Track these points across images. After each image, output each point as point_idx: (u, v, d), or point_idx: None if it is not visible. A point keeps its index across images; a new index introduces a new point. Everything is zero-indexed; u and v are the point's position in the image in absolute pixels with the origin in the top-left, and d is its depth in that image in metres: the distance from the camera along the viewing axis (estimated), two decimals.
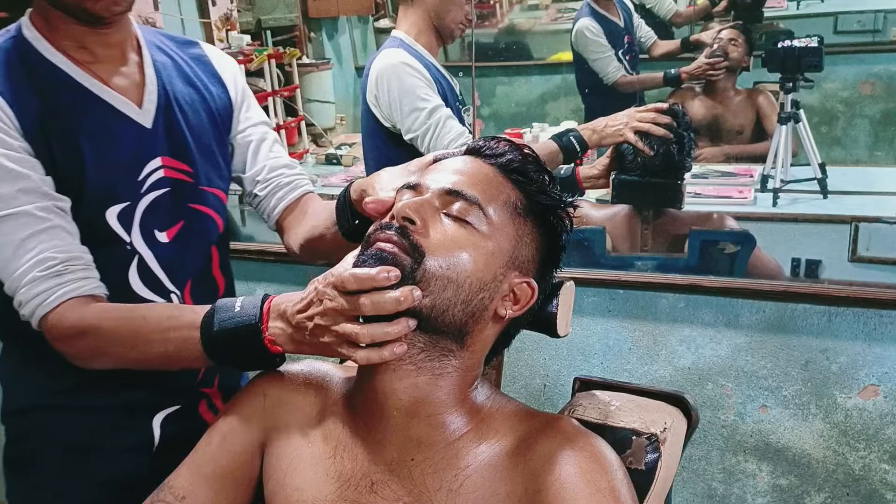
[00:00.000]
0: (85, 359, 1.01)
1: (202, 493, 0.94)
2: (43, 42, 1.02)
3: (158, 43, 1.15)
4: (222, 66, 1.21)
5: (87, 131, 1.02)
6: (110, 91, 1.05)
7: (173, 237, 1.11)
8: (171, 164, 1.10)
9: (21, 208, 0.97)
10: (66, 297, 0.97)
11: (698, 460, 1.75)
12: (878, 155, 2.43)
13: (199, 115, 1.14)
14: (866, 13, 2.45)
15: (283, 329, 0.89)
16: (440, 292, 0.83)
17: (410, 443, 0.87)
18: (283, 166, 1.22)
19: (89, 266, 1.01)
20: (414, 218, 0.84)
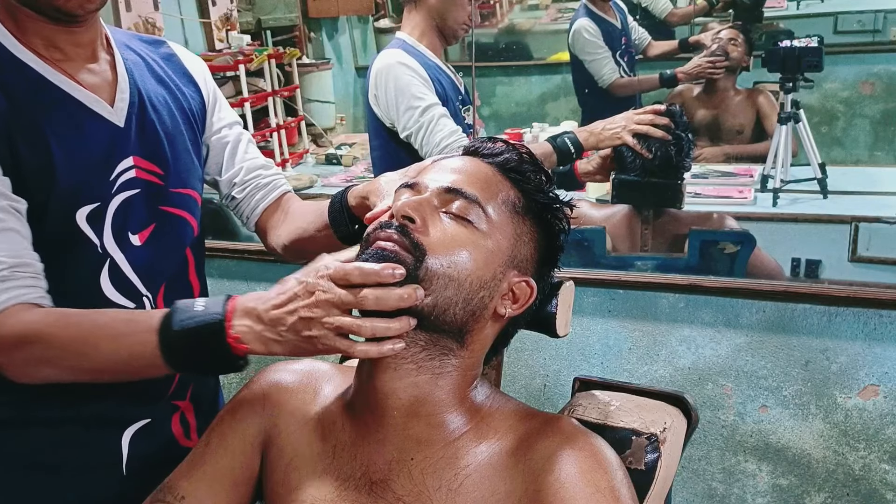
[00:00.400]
0: (25, 371, 0.93)
1: (202, 493, 0.94)
2: (10, 38, 0.97)
3: (128, 42, 1.12)
4: (193, 65, 1.18)
5: (56, 129, 0.97)
6: (81, 89, 1.00)
7: (146, 240, 1.06)
8: (142, 165, 1.05)
9: None
10: (8, 303, 0.90)
11: (698, 460, 1.75)
12: (878, 155, 2.44)
13: (173, 115, 1.11)
14: (866, 13, 2.45)
15: (251, 326, 0.83)
16: (442, 290, 0.83)
17: (410, 442, 0.87)
18: (260, 167, 1.21)
19: (38, 275, 0.94)
20: (414, 216, 0.84)
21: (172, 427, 1.13)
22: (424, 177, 0.90)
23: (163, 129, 1.08)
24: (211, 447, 0.96)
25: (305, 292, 0.82)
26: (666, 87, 2.46)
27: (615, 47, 2.51)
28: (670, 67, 2.43)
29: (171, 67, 1.15)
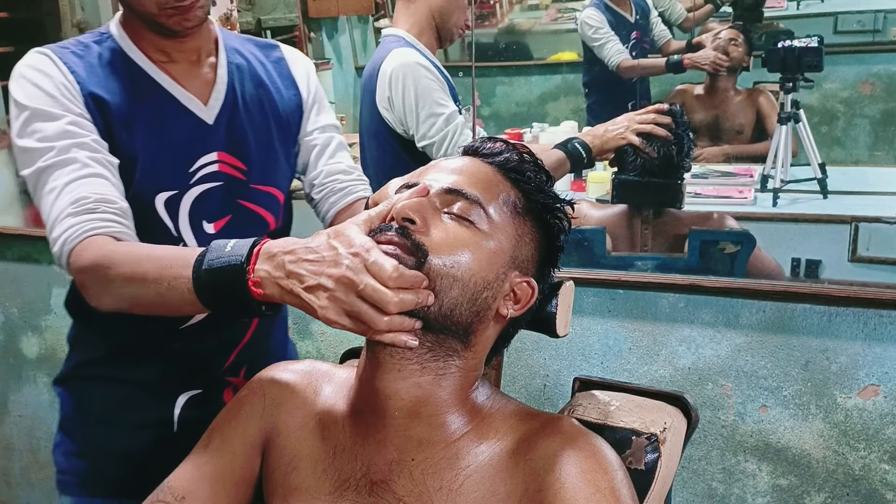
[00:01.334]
0: (95, 293, 1.00)
1: (202, 493, 0.94)
2: (126, 39, 1.12)
3: (239, 47, 1.22)
4: (298, 70, 1.26)
5: (145, 118, 1.09)
6: (177, 86, 1.12)
7: (220, 229, 1.15)
8: (226, 160, 1.15)
9: (70, 155, 1.02)
10: (91, 232, 0.99)
11: (698, 460, 1.75)
12: (878, 155, 2.43)
13: (265, 116, 1.19)
14: (866, 13, 2.45)
15: (270, 273, 0.82)
16: (447, 291, 0.83)
17: (411, 443, 0.87)
18: (340, 172, 1.25)
19: (123, 213, 1.03)
20: (414, 218, 0.84)
21: (224, 397, 1.22)
22: (424, 178, 0.90)
23: (252, 128, 1.17)
24: (211, 447, 0.96)
25: (333, 261, 0.79)
26: (671, 72, 2.44)
27: (622, 40, 2.51)
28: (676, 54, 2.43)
29: (277, 71, 1.24)
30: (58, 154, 1.02)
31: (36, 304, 2.34)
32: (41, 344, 2.37)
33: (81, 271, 1.00)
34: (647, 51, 2.57)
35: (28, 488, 2.52)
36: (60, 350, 2.34)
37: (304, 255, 0.81)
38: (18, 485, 2.54)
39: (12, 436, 2.49)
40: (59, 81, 1.06)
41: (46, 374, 2.38)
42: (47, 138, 1.03)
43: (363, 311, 0.77)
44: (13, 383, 2.44)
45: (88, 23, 2.61)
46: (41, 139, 1.04)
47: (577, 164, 1.58)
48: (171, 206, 1.11)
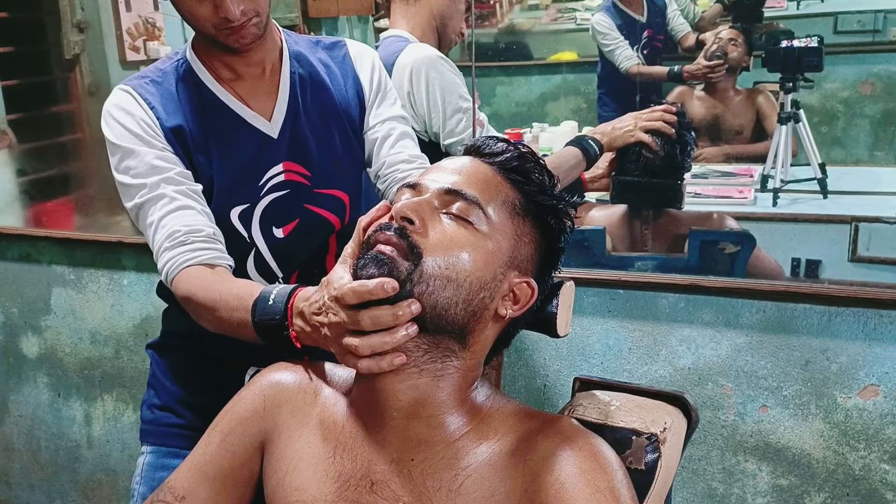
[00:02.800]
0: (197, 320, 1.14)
1: (202, 493, 0.94)
2: (198, 63, 1.21)
3: (304, 50, 1.29)
4: (361, 64, 1.30)
5: (218, 141, 1.19)
6: (243, 106, 1.21)
7: (288, 233, 1.24)
8: (291, 168, 1.22)
9: (160, 191, 1.14)
10: (185, 264, 1.11)
11: (698, 460, 1.75)
12: (878, 155, 2.43)
13: (327, 121, 1.25)
14: (866, 13, 2.45)
15: (303, 327, 0.93)
16: (440, 292, 0.83)
17: (410, 443, 0.87)
18: (401, 161, 1.27)
19: (211, 238, 1.14)
20: (413, 218, 0.85)
21: None
22: (425, 177, 0.91)
23: (314, 135, 1.24)
24: (211, 447, 0.96)
25: (325, 311, 0.88)
26: (673, 82, 2.47)
27: (633, 40, 2.54)
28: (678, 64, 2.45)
29: (341, 70, 1.29)
30: (149, 191, 1.14)
31: (36, 304, 2.34)
32: (41, 344, 2.37)
33: (181, 301, 1.14)
34: (660, 49, 2.59)
35: (28, 488, 2.52)
36: (60, 350, 2.34)
37: (312, 308, 0.91)
38: (18, 485, 2.54)
39: (12, 436, 2.49)
40: (139, 118, 1.17)
41: (46, 374, 2.38)
42: (139, 175, 1.15)
43: (350, 344, 0.85)
44: (13, 383, 2.44)
45: (88, 23, 2.61)
46: (134, 175, 1.16)
47: (591, 161, 1.58)
48: (244, 217, 1.21)
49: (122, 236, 2.16)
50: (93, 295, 2.26)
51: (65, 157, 2.82)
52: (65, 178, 2.85)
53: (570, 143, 1.59)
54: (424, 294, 0.83)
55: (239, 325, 1.03)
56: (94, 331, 2.28)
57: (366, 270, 0.84)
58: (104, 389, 2.32)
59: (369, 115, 1.29)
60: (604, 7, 2.60)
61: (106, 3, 2.55)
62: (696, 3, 2.62)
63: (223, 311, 1.06)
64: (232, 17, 1.10)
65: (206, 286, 1.10)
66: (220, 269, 1.14)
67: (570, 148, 1.58)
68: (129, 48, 2.56)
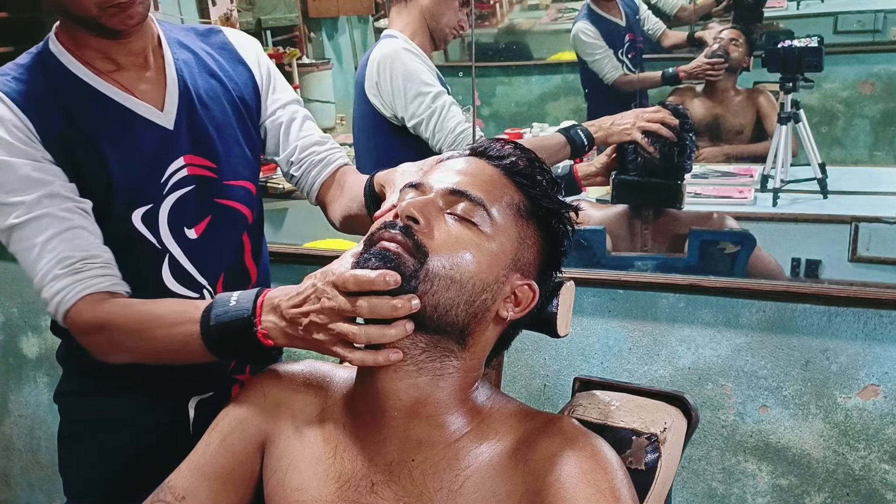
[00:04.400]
0: (103, 353, 1.04)
1: (202, 493, 0.94)
2: (67, 55, 1.07)
3: (182, 38, 1.18)
4: (246, 50, 1.23)
5: (109, 138, 1.06)
6: (131, 98, 1.09)
7: (201, 233, 1.14)
8: (194, 162, 1.13)
9: (44, 210, 1.01)
10: (83, 293, 1.01)
11: (698, 460, 1.75)
12: (878, 155, 2.43)
13: (223, 108, 1.17)
14: (866, 13, 2.45)
15: (276, 323, 0.88)
16: (443, 292, 0.83)
17: (411, 443, 0.87)
18: (314, 143, 1.24)
19: (108, 264, 1.04)
20: (418, 217, 0.84)
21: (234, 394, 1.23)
22: (429, 177, 0.90)
23: (213, 124, 1.15)
24: (211, 447, 0.96)
25: (315, 296, 0.84)
26: (668, 84, 2.45)
27: (617, 45, 2.51)
28: (671, 66, 2.43)
29: (224, 57, 1.20)
30: (28, 209, 1.01)
31: (36, 304, 2.34)
32: (41, 344, 2.37)
33: (83, 334, 1.03)
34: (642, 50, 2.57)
35: (28, 488, 2.52)
36: None
37: (294, 299, 0.86)
38: (18, 485, 2.54)
39: (12, 436, 2.49)
40: (11, 124, 1.01)
41: (46, 374, 2.38)
42: (14, 191, 1.01)
43: (344, 330, 0.83)
44: (13, 383, 2.44)
45: None
46: (8, 191, 1.01)
47: (577, 151, 1.59)
48: (148, 219, 1.10)
49: None
50: None
51: None
52: None
53: (560, 130, 1.61)
54: (427, 293, 0.83)
55: (181, 341, 0.94)
56: None
57: (369, 265, 0.83)
58: None
59: (266, 100, 1.22)
60: (583, 15, 2.53)
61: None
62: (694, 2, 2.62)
63: (158, 329, 0.96)
64: None
65: (124, 310, 1.00)
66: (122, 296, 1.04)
67: (557, 134, 1.61)
68: None
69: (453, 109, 1.72)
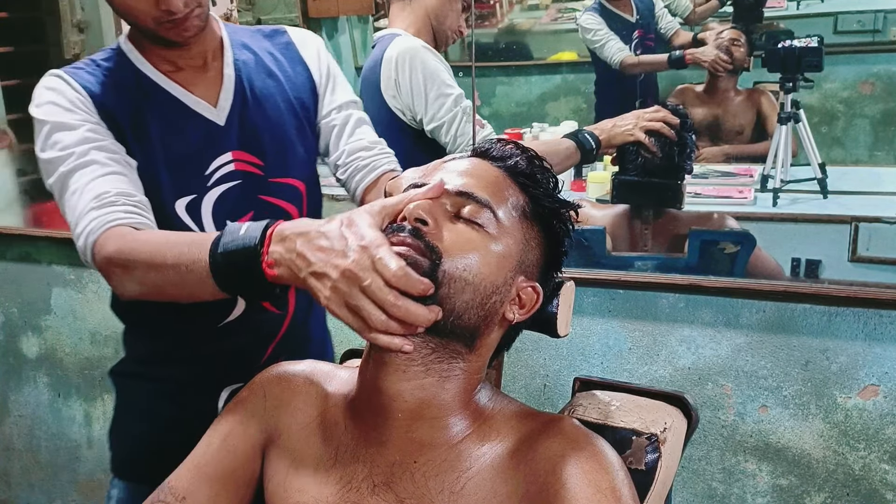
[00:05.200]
0: (119, 283, 1.03)
1: (202, 494, 0.93)
2: (134, 52, 1.15)
3: (246, 40, 1.23)
4: (307, 51, 1.26)
5: (159, 128, 1.12)
6: (187, 93, 1.15)
7: None
8: (241, 158, 1.17)
9: (90, 157, 1.07)
10: (112, 223, 1.02)
11: (698, 460, 1.75)
12: (878, 155, 2.43)
13: (277, 107, 1.20)
14: (866, 13, 2.45)
15: (282, 253, 0.83)
16: (459, 294, 0.83)
17: (413, 445, 0.87)
18: (362, 149, 1.24)
19: (141, 205, 1.07)
20: (427, 219, 0.84)
21: None
22: (434, 179, 0.90)
23: (265, 122, 1.18)
24: (212, 448, 0.96)
25: (341, 252, 0.78)
26: (673, 67, 2.43)
27: (624, 41, 2.51)
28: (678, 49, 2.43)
29: (286, 57, 1.24)
30: (77, 158, 1.06)
31: (36, 304, 2.34)
32: (41, 344, 2.37)
33: (105, 261, 1.02)
34: (652, 48, 2.57)
35: (28, 488, 2.52)
36: (60, 350, 2.34)
37: (315, 239, 0.80)
38: (18, 485, 2.54)
39: (12, 436, 2.49)
40: (72, 97, 1.10)
41: (46, 374, 2.38)
42: (67, 146, 1.07)
43: (363, 306, 0.77)
44: (13, 383, 2.44)
45: (88, 23, 2.61)
46: (62, 148, 1.08)
47: (586, 156, 1.58)
48: (192, 210, 1.14)
49: None
50: (93, 295, 2.26)
51: None
52: None
53: (568, 135, 1.59)
54: (446, 297, 0.82)
55: (188, 267, 0.91)
56: (94, 331, 2.28)
57: None
58: (104, 389, 2.32)
59: (323, 101, 1.25)
60: (591, 7, 2.56)
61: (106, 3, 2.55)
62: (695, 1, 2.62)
63: (169, 256, 0.94)
64: (175, 9, 1.05)
65: (147, 237, 1.01)
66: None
67: (566, 140, 1.58)
68: None
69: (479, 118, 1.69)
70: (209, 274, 0.89)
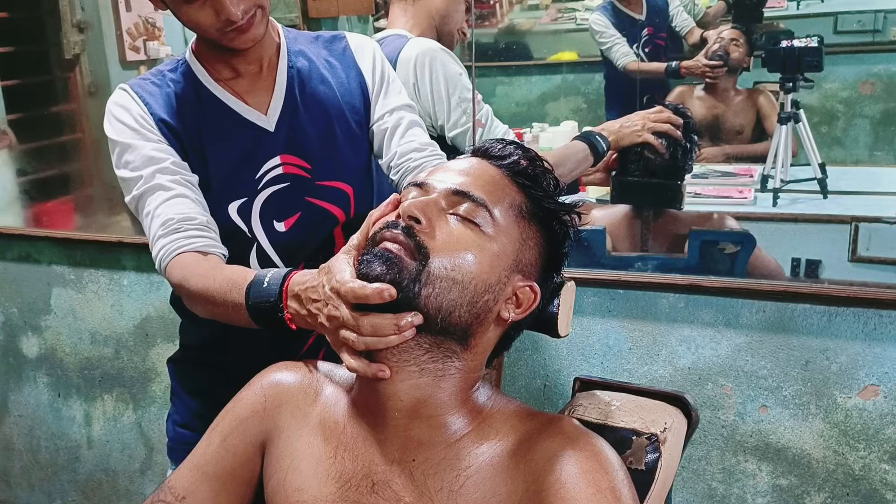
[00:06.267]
0: (189, 306, 1.16)
1: (202, 493, 0.94)
2: (196, 63, 1.23)
3: (304, 47, 1.30)
4: (363, 58, 1.30)
5: (212, 136, 1.20)
6: (240, 102, 1.22)
7: (290, 227, 1.24)
8: (289, 161, 1.23)
9: (156, 182, 1.16)
10: (178, 251, 1.12)
11: (698, 460, 1.75)
12: (878, 155, 2.43)
13: (327, 113, 1.25)
14: (866, 13, 2.45)
15: (297, 310, 0.93)
16: (446, 294, 0.83)
17: (412, 443, 0.87)
18: (413, 150, 1.26)
19: (204, 227, 1.15)
20: (420, 217, 0.84)
21: None
22: (432, 177, 0.90)
23: (314, 128, 1.24)
24: (212, 447, 0.96)
25: (323, 301, 0.88)
26: (670, 77, 2.46)
27: (632, 39, 2.52)
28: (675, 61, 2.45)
29: (342, 63, 1.30)
30: (145, 182, 1.16)
31: (36, 304, 2.34)
32: (41, 344, 2.37)
33: (174, 287, 1.15)
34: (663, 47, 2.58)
35: (28, 488, 2.52)
36: (60, 350, 2.34)
37: (310, 294, 0.91)
38: (18, 485, 2.54)
39: (12, 436, 2.49)
40: (135, 113, 1.19)
41: (46, 374, 2.38)
42: (136, 168, 1.17)
43: (346, 338, 0.86)
44: (13, 383, 2.44)
45: (88, 23, 2.61)
46: (133, 169, 1.18)
47: (599, 158, 1.57)
48: (243, 211, 1.22)
49: (122, 236, 2.16)
50: (93, 295, 2.26)
51: (65, 157, 2.82)
52: (65, 178, 2.85)
53: (579, 137, 1.56)
54: (430, 296, 0.83)
55: (233, 308, 1.02)
56: (94, 331, 2.28)
57: (371, 267, 0.84)
58: (104, 389, 2.32)
59: (375, 106, 1.29)
60: (601, 6, 2.59)
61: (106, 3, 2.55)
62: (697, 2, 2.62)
63: (217, 294, 1.05)
64: (234, 17, 1.11)
65: (200, 272, 1.10)
66: (213, 256, 1.14)
67: (578, 142, 1.55)
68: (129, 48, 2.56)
69: (497, 121, 1.65)
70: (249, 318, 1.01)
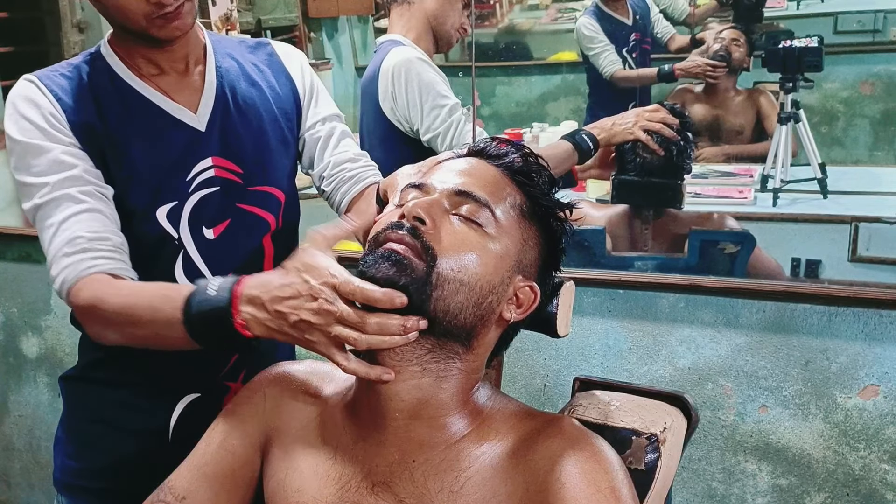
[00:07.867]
0: (97, 334, 1.06)
1: (202, 494, 0.94)
2: (114, 58, 1.13)
3: (230, 50, 1.22)
4: (291, 64, 1.25)
5: (139, 136, 1.11)
6: (167, 100, 1.13)
7: (219, 234, 1.16)
8: (221, 164, 1.15)
9: (64, 192, 1.04)
10: (86, 272, 1.02)
11: (698, 460, 1.75)
12: (878, 155, 2.43)
13: (259, 116, 1.19)
14: (866, 13, 2.45)
15: (254, 314, 0.87)
16: (453, 296, 0.83)
17: (412, 444, 0.87)
18: (347, 161, 1.24)
19: (116, 248, 1.05)
20: (425, 218, 0.84)
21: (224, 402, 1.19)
22: (431, 177, 0.90)
23: (246, 130, 1.17)
24: (212, 447, 0.96)
25: (309, 295, 0.83)
26: (663, 81, 2.46)
27: (621, 43, 2.52)
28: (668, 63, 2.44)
29: (271, 68, 1.24)
30: (52, 190, 1.05)
31: (36, 304, 2.34)
32: (41, 344, 2.37)
33: (80, 311, 1.05)
34: (649, 51, 2.57)
35: (28, 488, 2.52)
36: (60, 350, 2.34)
37: (282, 293, 0.85)
38: (18, 485, 2.54)
39: (12, 436, 2.49)
40: (46, 111, 1.07)
41: (46, 374, 2.38)
42: (42, 173, 1.06)
43: (345, 335, 0.82)
44: (13, 383, 2.44)
45: (88, 23, 2.61)
46: (37, 173, 1.06)
47: (584, 156, 1.58)
48: (172, 216, 1.12)
49: None
50: None
51: None
52: None
53: (564, 136, 1.59)
54: (439, 299, 0.82)
55: (164, 325, 0.94)
56: None
57: (378, 268, 0.82)
58: None
59: (307, 113, 1.25)
60: (589, 11, 2.57)
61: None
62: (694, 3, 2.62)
63: (143, 312, 0.97)
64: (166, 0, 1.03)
65: (117, 291, 1.01)
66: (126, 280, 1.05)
67: (563, 142, 1.58)
68: None
69: (468, 127, 1.70)
70: (186, 333, 0.92)
